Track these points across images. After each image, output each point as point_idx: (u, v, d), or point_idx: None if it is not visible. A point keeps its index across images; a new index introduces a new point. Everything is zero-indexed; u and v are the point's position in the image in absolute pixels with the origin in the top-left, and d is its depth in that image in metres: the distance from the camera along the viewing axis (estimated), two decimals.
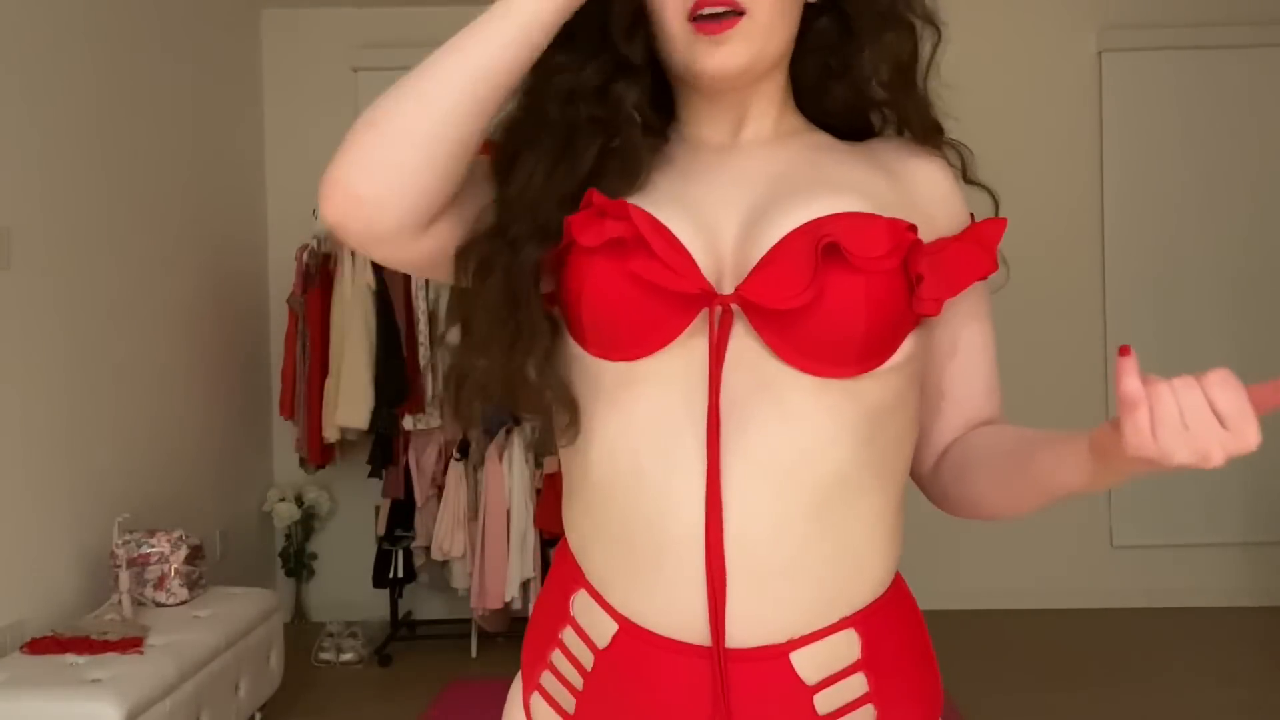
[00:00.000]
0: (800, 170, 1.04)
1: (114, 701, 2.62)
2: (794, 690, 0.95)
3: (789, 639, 0.95)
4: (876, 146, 1.10)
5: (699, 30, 1.00)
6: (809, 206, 0.97)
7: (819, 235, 0.93)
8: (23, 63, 3.24)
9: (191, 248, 4.27)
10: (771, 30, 1.02)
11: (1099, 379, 4.87)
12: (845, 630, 0.96)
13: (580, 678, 1.01)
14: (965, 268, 1.01)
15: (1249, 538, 4.82)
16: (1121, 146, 4.86)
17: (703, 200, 1.01)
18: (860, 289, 0.93)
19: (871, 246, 0.93)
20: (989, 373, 1.10)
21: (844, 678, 0.96)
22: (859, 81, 1.09)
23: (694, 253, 0.96)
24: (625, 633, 0.98)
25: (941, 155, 1.09)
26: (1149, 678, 3.99)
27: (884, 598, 1.00)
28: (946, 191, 1.08)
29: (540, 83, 1.01)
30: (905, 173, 1.06)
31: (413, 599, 4.80)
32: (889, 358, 0.95)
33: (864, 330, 0.93)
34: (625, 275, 0.94)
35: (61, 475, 3.37)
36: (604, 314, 0.96)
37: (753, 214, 0.99)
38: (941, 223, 1.05)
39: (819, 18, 1.09)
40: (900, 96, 1.08)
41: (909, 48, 1.07)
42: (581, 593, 1.02)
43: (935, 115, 1.09)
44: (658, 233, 0.95)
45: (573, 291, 0.98)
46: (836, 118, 1.12)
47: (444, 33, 0.97)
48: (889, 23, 1.06)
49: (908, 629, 1.03)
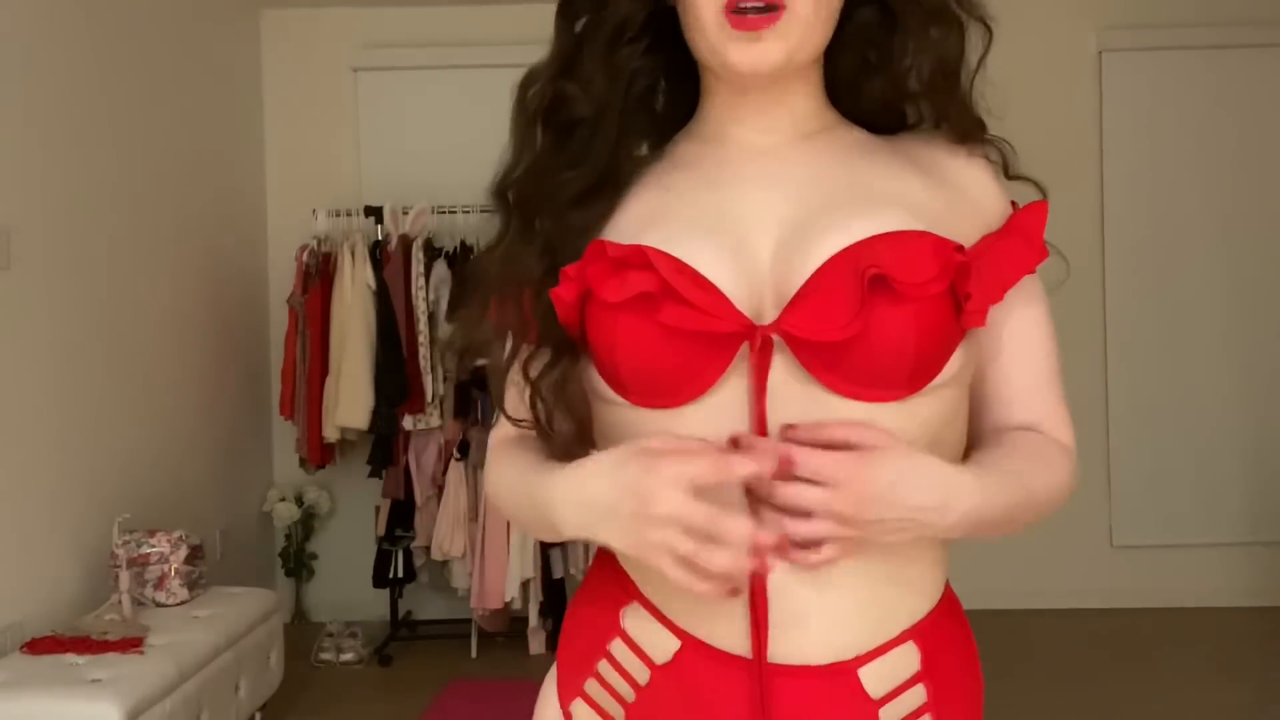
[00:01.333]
0: (838, 178, 0.99)
1: (114, 701, 2.62)
2: (862, 705, 0.95)
3: (856, 655, 0.95)
4: (912, 144, 1.05)
5: (735, 25, 0.95)
6: (850, 227, 0.93)
7: (863, 262, 0.90)
8: (23, 63, 3.24)
9: (191, 248, 4.27)
10: (811, 26, 0.97)
11: (1099, 379, 4.87)
12: (906, 643, 0.97)
13: (632, 690, 1.00)
14: (1009, 266, 0.98)
15: (1249, 538, 4.81)
16: (1121, 146, 4.86)
17: (734, 218, 0.97)
18: (909, 318, 0.90)
19: (918, 272, 0.90)
20: (1034, 372, 1.04)
21: (906, 690, 0.96)
22: (899, 76, 1.04)
23: (727, 281, 0.93)
24: (690, 649, 0.97)
25: (983, 154, 1.05)
26: (1149, 678, 3.99)
27: (938, 608, 1.01)
28: (992, 191, 1.04)
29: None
30: (949, 175, 1.02)
31: (413, 599, 4.80)
32: (937, 375, 0.93)
33: (913, 356, 0.90)
34: (658, 327, 0.91)
35: (62, 475, 3.36)
36: (643, 368, 0.93)
37: (790, 233, 0.95)
38: (994, 222, 1.02)
39: (860, 8, 1.03)
40: (942, 95, 1.03)
41: (956, 45, 1.02)
42: (634, 605, 1.00)
43: (977, 114, 1.05)
44: (685, 276, 0.91)
45: (603, 346, 0.95)
46: (870, 113, 1.07)
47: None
48: (937, 18, 1.01)
49: (960, 638, 1.04)
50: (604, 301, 0.94)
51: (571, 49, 1.02)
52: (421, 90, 4.83)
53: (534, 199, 1.02)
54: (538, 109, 1.02)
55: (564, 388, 0.99)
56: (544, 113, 1.02)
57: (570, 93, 1.01)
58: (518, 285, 1.00)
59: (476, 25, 4.76)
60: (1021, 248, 0.99)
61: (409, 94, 4.85)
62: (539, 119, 1.02)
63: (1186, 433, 4.83)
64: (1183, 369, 4.84)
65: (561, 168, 1.01)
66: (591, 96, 1.01)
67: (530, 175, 1.02)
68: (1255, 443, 4.83)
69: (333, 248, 4.49)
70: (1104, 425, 4.86)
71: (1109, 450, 4.86)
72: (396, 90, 4.89)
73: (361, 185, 4.85)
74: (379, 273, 4.37)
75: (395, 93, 4.89)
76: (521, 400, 1.02)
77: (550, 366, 0.99)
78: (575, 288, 0.96)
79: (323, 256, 4.47)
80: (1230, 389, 4.83)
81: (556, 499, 0.94)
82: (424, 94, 4.83)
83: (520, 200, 1.03)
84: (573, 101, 1.01)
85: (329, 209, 4.59)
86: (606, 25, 1.00)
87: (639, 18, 1.01)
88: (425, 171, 4.71)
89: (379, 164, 4.88)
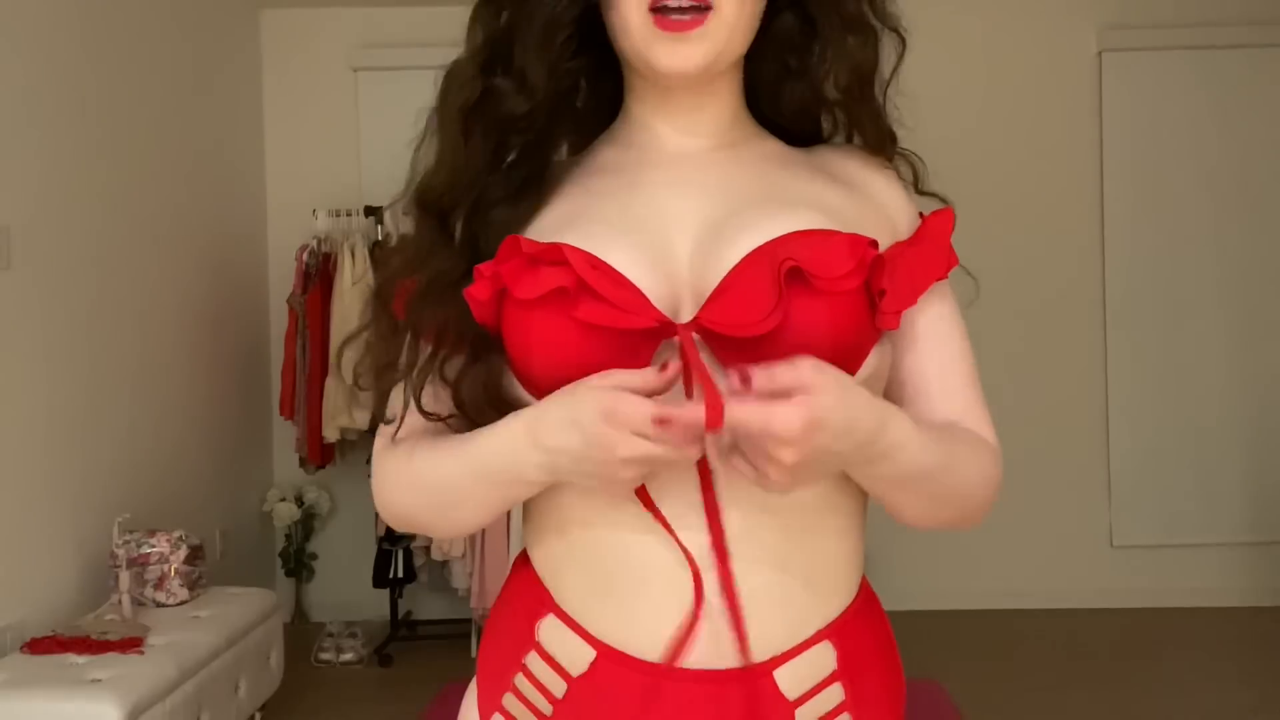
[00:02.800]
0: (755, 183, 1.01)
1: (114, 701, 2.63)
2: (777, 706, 0.95)
3: (771, 657, 0.95)
4: (827, 155, 1.07)
5: (660, 26, 0.96)
6: (767, 224, 0.94)
7: (779, 256, 0.90)
8: (22, 63, 3.24)
9: (191, 248, 4.27)
10: (736, 28, 0.98)
11: (1099, 378, 4.87)
12: (822, 643, 0.97)
13: (549, 704, 0.99)
14: (920, 272, 0.99)
15: (1249, 538, 4.81)
16: (1121, 146, 4.86)
17: (653, 217, 0.98)
18: (824, 312, 0.91)
19: (833, 266, 0.91)
20: (951, 367, 1.03)
21: (822, 689, 0.97)
22: (817, 83, 1.05)
23: (644, 279, 0.93)
24: (605, 659, 0.96)
25: (893, 166, 1.06)
26: (1149, 678, 3.99)
27: (854, 606, 1.00)
28: (901, 200, 1.05)
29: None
30: (859, 184, 1.04)
31: (413, 599, 4.80)
32: (854, 374, 0.93)
33: (829, 351, 0.89)
34: (574, 324, 0.90)
35: (61, 475, 3.36)
36: (560, 365, 0.92)
37: (708, 231, 0.96)
38: (903, 231, 1.03)
39: (780, 15, 1.04)
40: (856, 103, 1.05)
41: (871, 55, 1.03)
42: (550, 618, 0.99)
43: (890, 125, 1.06)
44: (601, 272, 0.90)
45: (518, 345, 0.94)
46: (787, 119, 1.09)
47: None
48: (853, 26, 1.03)
49: (877, 632, 1.03)
50: (519, 299, 0.93)
51: (500, 43, 1.01)
52: (421, 90, 4.79)
53: (459, 199, 1.00)
54: (464, 105, 1.01)
55: (486, 388, 0.98)
56: (471, 110, 1.01)
57: (502, 88, 1.00)
58: (437, 288, 0.98)
59: None
60: (932, 254, 1.01)
61: (409, 94, 4.77)
62: (465, 116, 1.01)
63: (1186, 433, 4.83)
64: (1183, 369, 4.84)
65: (489, 167, 1.00)
66: (525, 92, 0.99)
67: (454, 174, 1.00)
68: (1255, 442, 4.83)
69: (333, 248, 4.49)
70: (1104, 425, 4.86)
71: (1109, 450, 4.86)
72: (396, 90, 4.85)
73: (361, 185, 4.84)
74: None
75: (395, 93, 4.85)
76: (437, 400, 1.00)
77: (469, 366, 0.98)
78: (490, 286, 0.94)
79: (323, 256, 4.48)
80: (1230, 389, 4.83)
81: (516, 450, 0.92)
82: (424, 94, 4.80)
83: (442, 201, 1.01)
84: (504, 97, 1.00)
85: (329, 209, 4.59)
86: (536, 20, 0.99)
87: (569, 15, 0.99)
88: None
89: (379, 164, 4.86)
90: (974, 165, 4.48)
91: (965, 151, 4.41)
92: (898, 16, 1.05)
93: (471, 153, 1.00)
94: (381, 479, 1.05)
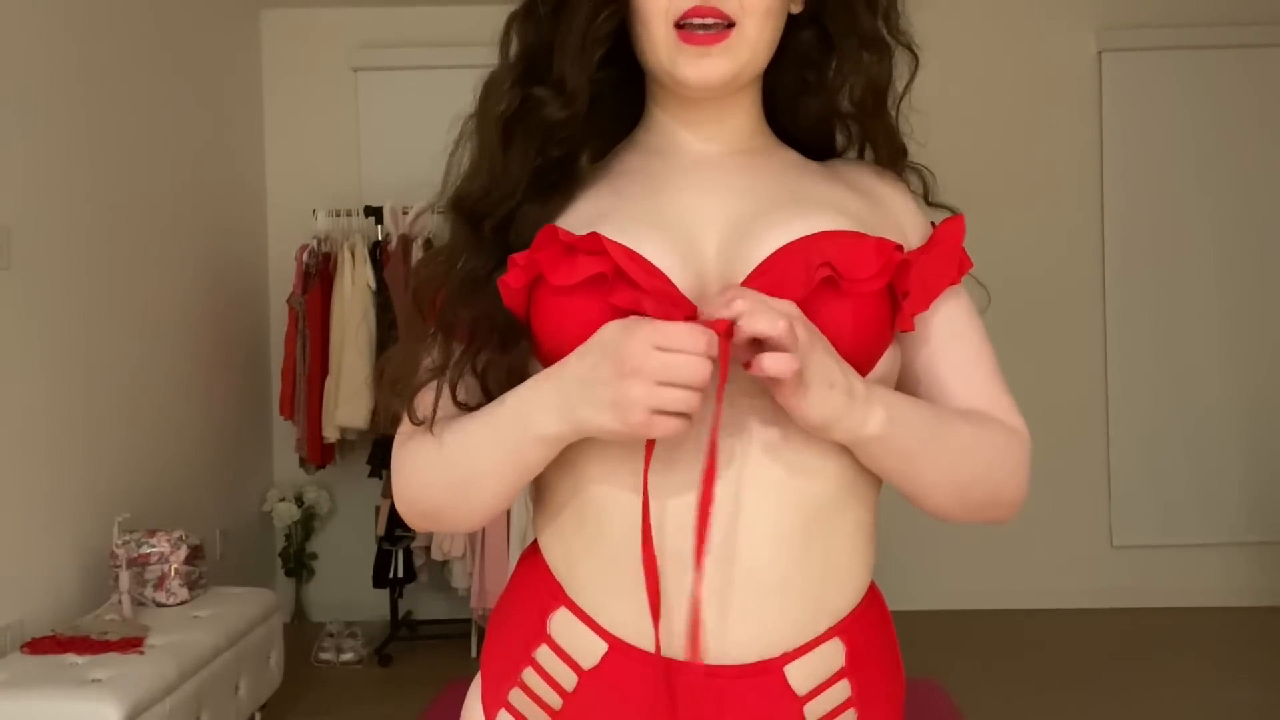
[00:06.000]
0: (778, 186, 1.04)
1: (114, 701, 2.62)
2: (787, 702, 0.96)
3: (782, 653, 0.96)
4: (841, 167, 1.11)
5: (685, 40, 1.00)
6: (796, 223, 0.98)
7: (811, 255, 0.94)
8: (22, 63, 3.24)
9: (191, 248, 4.27)
10: (757, 44, 1.01)
11: (1099, 378, 4.87)
12: (832, 640, 0.98)
13: (559, 698, 1.00)
14: (934, 277, 1.03)
15: (1249, 538, 4.82)
16: (1121, 146, 4.86)
17: (680, 215, 1.01)
18: (848, 311, 0.95)
19: (861, 268, 0.94)
20: (969, 356, 1.05)
21: (830, 685, 0.98)
22: (833, 96, 1.10)
23: (674, 271, 0.96)
24: (616, 652, 0.97)
25: (904, 180, 1.10)
26: (1149, 678, 3.99)
27: (863, 604, 1.02)
28: (913, 211, 1.09)
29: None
30: (873, 193, 1.08)
31: (413, 599, 4.80)
32: (868, 373, 0.97)
33: (848, 352, 0.94)
34: (609, 310, 0.93)
35: (61, 475, 3.36)
36: None
37: (735, 229, 0.99)
38: (915, 240, 1.07)
39: (801, 30, 1.09)
40: (870, 117, 1.09)
41: (885, 70, 1.07)
42: (562, 610, 1.00)
43: (902, 140, 1.10)
44: (636, 263, 0.93)
45: (551, 331, 0.97)
46: (803, 132, 1.13)
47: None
48: (868, 43, 1.07)
49: (883, 633, 1.05)
50: (555, 286, 0.95)
51: (537, 54, 1.04)
52: (421, 90, 4.82)
53: (497, 204, 1.03)
54: (504, 114, 1.03)
55: (511, 376, 0.99)
56: (511, 117, 1.03)
57: (541, 96, 1.03)
58: (469, 285, 1.01)
59: (477, 25, 4.77)
60: (945, 259, 1.04)
61: (409, 94, 4.84)
62: (505, 124, 1.03)
63: (1186, 432, 4.84)
64: (1182, 369, 4.84)
65: (526, 172, 1.03)
66: (563, 100, 1.02)
67: (493, 180, 1.03)
68: (1255, 442, 4.83)
69: (333, 248, 4.49)
70: (1104, 425, 4.87)
71: (1108, 450, 4.87)
72: (396, 90, 4.88)
73: (361, 185, 4.85)
74: (379, 273, 4.37)
75: (395, 93, 4.89)
76: (466, 391, 1.02)
77: (498, 357, 1.00)
78: (524, 274, 0.97)
79: (323, 256, 4.48)
80: (1230, 388, 4.83)
81: (535, 393, 0.95)
82: (424, 94, 4.82)
83: (479, 206, 1.03)
84: (543, 105, 1.03)
85: (329, 209, 4.59)
86: (576, 32, 1.02)
87: (606, 29, 1.02)
88: (425, 171, 4.69)
89: (379, 164, 4.88)
90: (974, 165, 4.48)
91: (965, 151, 4.41)
92: (911, 35, 1.09)
93: (510, 160, 1.03)
94: (407, 466, 1.05)
